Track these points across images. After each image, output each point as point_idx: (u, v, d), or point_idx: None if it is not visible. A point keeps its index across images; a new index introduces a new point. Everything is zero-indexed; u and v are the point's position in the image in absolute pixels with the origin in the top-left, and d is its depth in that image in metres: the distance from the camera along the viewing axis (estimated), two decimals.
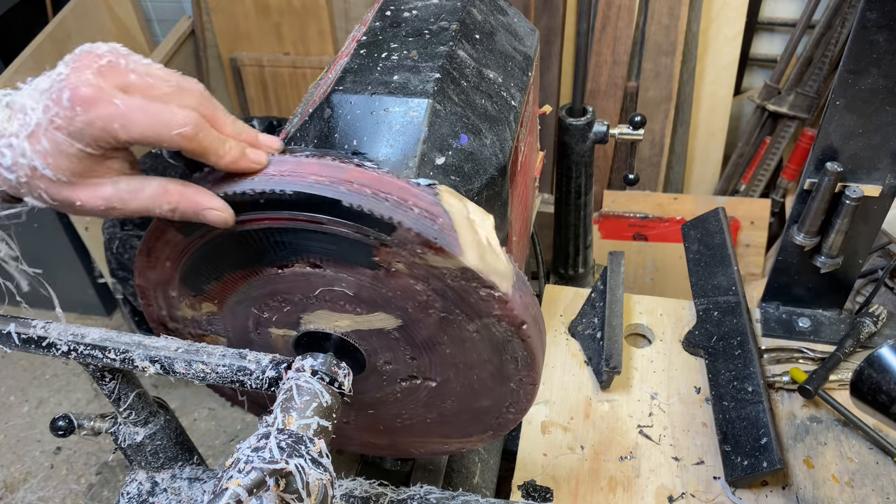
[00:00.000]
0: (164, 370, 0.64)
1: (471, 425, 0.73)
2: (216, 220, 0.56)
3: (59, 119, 0.49)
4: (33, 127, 0.50)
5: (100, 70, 0.50)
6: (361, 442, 0.83)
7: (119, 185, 0.53)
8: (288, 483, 0.50)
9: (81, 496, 2.13)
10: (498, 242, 0.57)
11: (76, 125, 0.49)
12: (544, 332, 0.64)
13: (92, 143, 0.50)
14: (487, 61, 0.74)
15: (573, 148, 1.32)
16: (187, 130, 0.51)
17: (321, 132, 0.64)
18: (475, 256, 0.55)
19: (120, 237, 2.05)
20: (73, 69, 0.50)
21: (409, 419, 0.74)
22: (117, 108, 0.49)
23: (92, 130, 0.50)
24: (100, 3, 2.45)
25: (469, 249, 0.55)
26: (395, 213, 0.54)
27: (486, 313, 0.59)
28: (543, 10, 2.23)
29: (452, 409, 0.70)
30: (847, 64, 0.86)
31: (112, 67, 0.51)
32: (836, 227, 0.99)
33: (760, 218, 2.24)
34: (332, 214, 0.56)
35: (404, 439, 0.80)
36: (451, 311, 0.60)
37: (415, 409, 0.72)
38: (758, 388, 0.95)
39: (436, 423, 0.74)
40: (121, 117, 0.49)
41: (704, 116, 2.37)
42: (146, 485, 0.80)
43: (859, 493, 0.89)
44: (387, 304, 0.61)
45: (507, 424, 0.70)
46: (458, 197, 0.57)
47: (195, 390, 2.40)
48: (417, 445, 0.80)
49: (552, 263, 1.57)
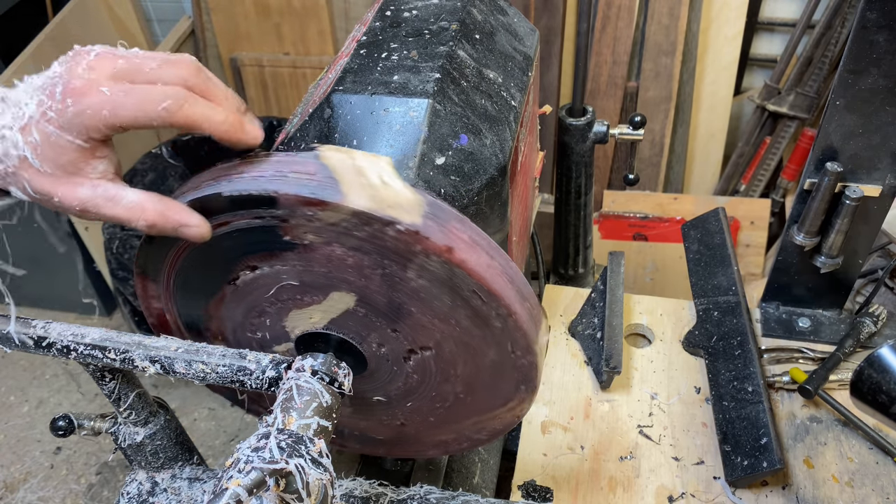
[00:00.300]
0: (164, 370, 0.64)
1: (500, 385, 0.70)
2: (194, 235, 0.58)
3: (52, 112, 0.51)
4: (26, 120, 0.52)
5: (89, 64, 0.52)
6: (434, 442, 0.81)
7: (98, 189, 0.55)
8: (288, 483, 0.50)
9: (81, 496, 2.13)
10: (397, 178, 0.56)
11: (67, 116, 0.51)
12: (497, 253, 0.60)
13: (83, 132, 0.52)
14: (487, 61, 0.74)
15: (573, 148, 1.32)
16: (171, 104, 0.52)
17: (321, 132, 0.64)
18: (364, 198, 0.54)
19: (120, 237, 2.05)
20: (66, 67, 0.52)
21: (444, 400, 0.73)
22: (104, 95, 0.51)
23: (82, 119, 0.51)
24: (100, 3, 2.45)
25: (354, 193, 0.54)
26: (271, 185, 0.55)
27: (409, 253, 0.57)
28: (543, 10, 2.23)
29: (470, 373, 0.68)
30: (847, 64, 0.86)
31: (101, 58, 0.53)
32: (836, 227, 0.99)
33: (760, 218, 2.24)
34: (228, 210, 0.58)
35: (459, 424, 0.77)
36: (383, 264, 0.59)
37: (441, 388, 0.71)
38: (758, 388, 0.95)
39: (468, 395, 0.72)
40: (108, 103, 0.51)
41: (704, 116, 2.37)
42: (146, 485, 0.80)
43: (859, 493, 0.89)
44: (331, 281, 0.62)
45: (529, 368, 0.66)
46: (341, 150, 0.57)
47: (195, 390, 2.40)
48: (474, 426, 0.77)
49: (552, 263, 1.57)
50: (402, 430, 0.79)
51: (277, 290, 0.66)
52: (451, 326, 0.63)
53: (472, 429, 0.76)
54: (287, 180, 0.55)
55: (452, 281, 0.59)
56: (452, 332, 0.64)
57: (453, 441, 0.79)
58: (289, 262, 0.62)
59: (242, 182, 0.56)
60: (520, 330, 0.62)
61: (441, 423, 0.76)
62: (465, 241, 0.57)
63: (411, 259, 0.58)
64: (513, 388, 0.69)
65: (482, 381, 0.69)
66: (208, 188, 0.58)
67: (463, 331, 0.64)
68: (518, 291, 0.61)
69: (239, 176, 0.57)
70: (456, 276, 0.58)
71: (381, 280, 0.60)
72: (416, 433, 0.79)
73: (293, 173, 0.56)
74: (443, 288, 0.60)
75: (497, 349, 0.65)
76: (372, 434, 0.82)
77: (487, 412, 0.73)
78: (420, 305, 0.62)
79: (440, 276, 0.59)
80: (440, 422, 0.76)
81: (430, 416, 0.75)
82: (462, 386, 0.70)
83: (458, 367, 0.68)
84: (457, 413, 0.74)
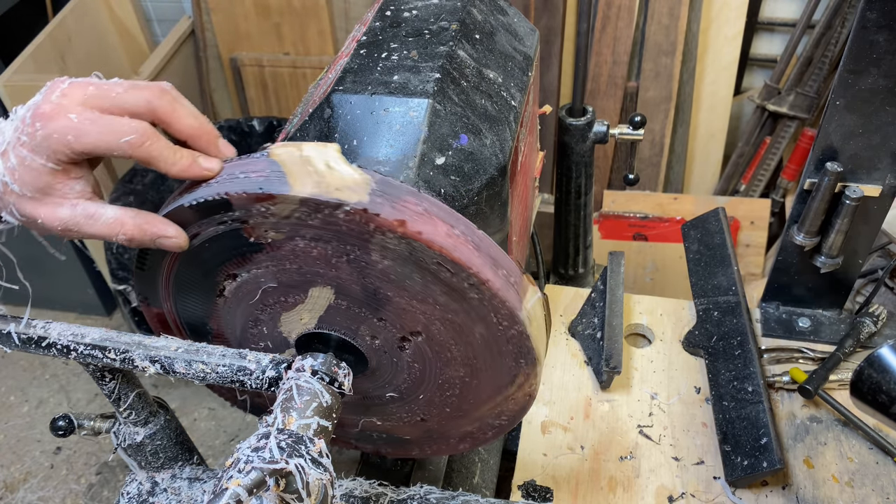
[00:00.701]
0: (164, 370, 0.64)
1: (500, 362, 0.68)
2: (172, 245, 0.60)
3: (24, 136, 0.54)
4: (4, 146, 0.55)
5: (63, 91, 0.55)
6: (460, 435, 0.80)
7: (77, 208, 0.57)
8: (288, 483, 0.50)
9: (81, 496, 2.13)
10: (343, 162, 0.57)
11: (37, 140, 0.54)
12: (458, 222, 0.58)
13: (52, 155, 0.54)
14: (487, 61, 0.74)
15: (573, 148, 1.32)
16: (134, 139, 0.54)
17: (321, 132, 0.64)
18: (310, 184, 0.55)
19: None
20: (43, 95, 0.55)
21: (452, 386, 0.72)
22: (71, 121, 0.53)
23: (49, 143, 0.54)
24: (100, 3, 2.45)
25: (300, 182, 0.55)
26: (222, 188, 0.57)
27: (365, 233, 0.57)
28: (543, 10, 2.23)
29: (466, 353, 0.68)
30: (847, 64, 0.86)
31: (74, 86, 0.55)
32: (836, 227, 0.99)
33: (760, 218, 2.24)
34: (194, 220, 0.60)
35: (478, 411, 0.75)
36: (345, 250, 0.59)
37: (445, 374, 0.70)
38: (758, 388, 0.95)
39: (473, 377, 0.71)
40: (73, 129, 0.53)
41: (704, 116, 2.37)
42: (146, 485, 0.80)
43: (859, 493, 0.89)
44: (305, 277, 0.63)
45: (520, 339, 0.64)
46: (290, 144, 0.58)
47: (195, 390, 2.40)
48: (492, 412, 0.76)
49: (552, 263, 1.57)
50: (426, 426, 0.79)
51: (262, 296, 0.67)
52: (431, 306, 0.62)
53: (491, 414, 0.75)
54: (237, 181, 0.57)
55: (415, 256, 0.58)
56: (435, 312, 0.63)
57: (478, 431, 0.78)
58: (262, 265, 0.63)
59: (199, 190, 0.58)
60: (497, 298, 0.60)
61: (459, 412, 0.75)
62: (418, 213, 0.56)
63: (369, 239, 0.57)
64: (513, 363, 0.67)
65: (481, 360, 0.68)
66: (175, 202, 0.60)
67: (443, 308, 0.62)
68: (489, 259, 0.59)
69: (199, 186, 0.59)
70: (416, 249, 0.57)
71: (349, 267, 0.61)
72: (440, 427, 0.79)
73: (243, 174, 0.57)
74: (409, 265, 0.59)
75: (483, 324, 0.63)
76: (398, 434, 0.82)
77: (498, 394, 0.72)
78: (394, 288, 0.62)
79: (402, 253, 0.58)
80: (457, 411, 0.75)
81: (445, 406, 0.75)
82: (464, 368, 0.69)
83: (451, 348, 0.67)
84: (470, 399, 0.73)
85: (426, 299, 0.62)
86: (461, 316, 0.63)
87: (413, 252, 0.57)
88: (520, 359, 0.67)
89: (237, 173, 0.57)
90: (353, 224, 0.56)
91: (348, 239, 0.58)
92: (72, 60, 2.25)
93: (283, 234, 0.59)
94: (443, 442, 0.82)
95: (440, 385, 0.72)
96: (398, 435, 0.82)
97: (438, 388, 0.72)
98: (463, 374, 0.70)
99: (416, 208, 0.56)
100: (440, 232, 0.57)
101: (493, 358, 0.68)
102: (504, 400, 0.72)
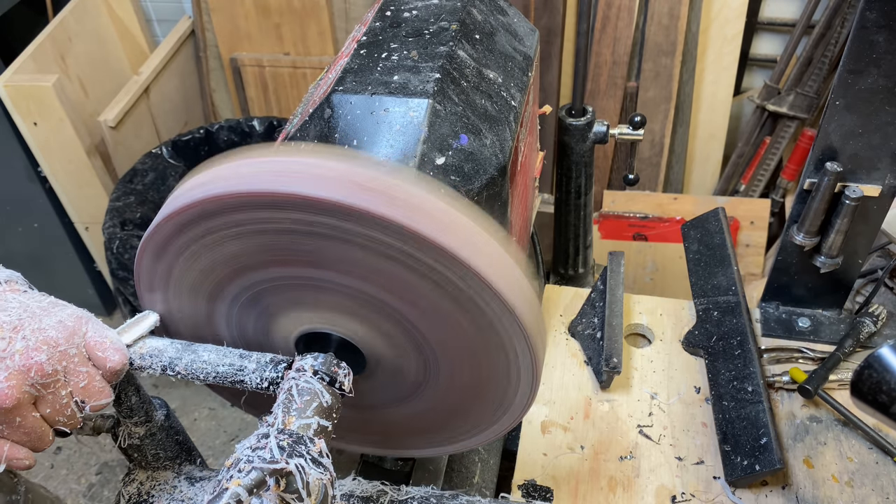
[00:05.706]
0: (164, 370, 0.64)
1: (488, 345, 0.65)
2: (20, 466, 0.61)
3: None
4: None
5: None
6: (471, 424, 0.77)
7: None
8: (288, 483, 0.51)
9: (81, 496, 2.13)
10: None
11: None
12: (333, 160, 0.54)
13: None
14: (487, 61, 0.74)
15: (573, 148, 1.32)
16: None
17: (321, 132, 0.64)
18: None
19: (120, 237, 2.05)
20: None
21: (453, 359, 0.68)
22: None
23: None
24: (100, 3, 2.45)
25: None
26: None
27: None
28: (543, 10, 2.23)
29: (454, 340, 0.64)
30: (847, 64, 0.86)
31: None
32: (835, 227, 0.99)
33: (760, 218, 2.24)
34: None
35: (487, 394, 0.72)
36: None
37: (446, 351, 0.67)
38: (758, 388, 0.95)
39: (471, 363, 0.68)
40: None
41: (704, 117, 2.37)
42: (146, 485, 0.80)
43: (859, 493, 0.89)
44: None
45: (497, 316, 0.60)
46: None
47: (195, 390, 2.39)
48: (499, 400, 0.73)
49: (552, 263, 1.57)
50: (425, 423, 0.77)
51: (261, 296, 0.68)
52: (384, 268, 0.58)
53: (498, 401, 0.72)
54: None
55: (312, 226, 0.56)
56: (394, 272, 0.58)
57: (477, 414, 0.75)
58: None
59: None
60: (471, 276, 0.53)
61: (467, 393, 0.72)
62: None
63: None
64: (503, 356, 0.65)
65: (474, 349, 0.65)
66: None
67: (416, 292, 0.59)
68: (420, 210, 0.53)
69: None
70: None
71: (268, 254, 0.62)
72: (469, 411, 0.75)
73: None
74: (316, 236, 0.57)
75: (451, 301, 0.58)
76: (399, 434, 0.81)
77: (500, 382, 0.69)
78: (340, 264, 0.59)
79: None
80: (466, 393, 0.72)
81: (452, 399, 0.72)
82: (467, 362, 0.67)
83: (441, 332, 0.64)
84: (476, 380, 0.70)
85: (378, 267, 0.58)
86: (431, 299, 0.60)
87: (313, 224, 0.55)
88: (489, 334, 0.63)
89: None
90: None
91: None
92: (72, 60, 2.25)
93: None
94: (479, 425, 0.77)
95: (447, 368, 0.69)
96: (398, 434, 0.82)
97: (455, 371, 0.69)
98: (472, 364, 0.67)
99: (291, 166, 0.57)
100: (344, 185, 0.53)
101: (484, 342, 0.64)
102: (523, 355, 0.66)
